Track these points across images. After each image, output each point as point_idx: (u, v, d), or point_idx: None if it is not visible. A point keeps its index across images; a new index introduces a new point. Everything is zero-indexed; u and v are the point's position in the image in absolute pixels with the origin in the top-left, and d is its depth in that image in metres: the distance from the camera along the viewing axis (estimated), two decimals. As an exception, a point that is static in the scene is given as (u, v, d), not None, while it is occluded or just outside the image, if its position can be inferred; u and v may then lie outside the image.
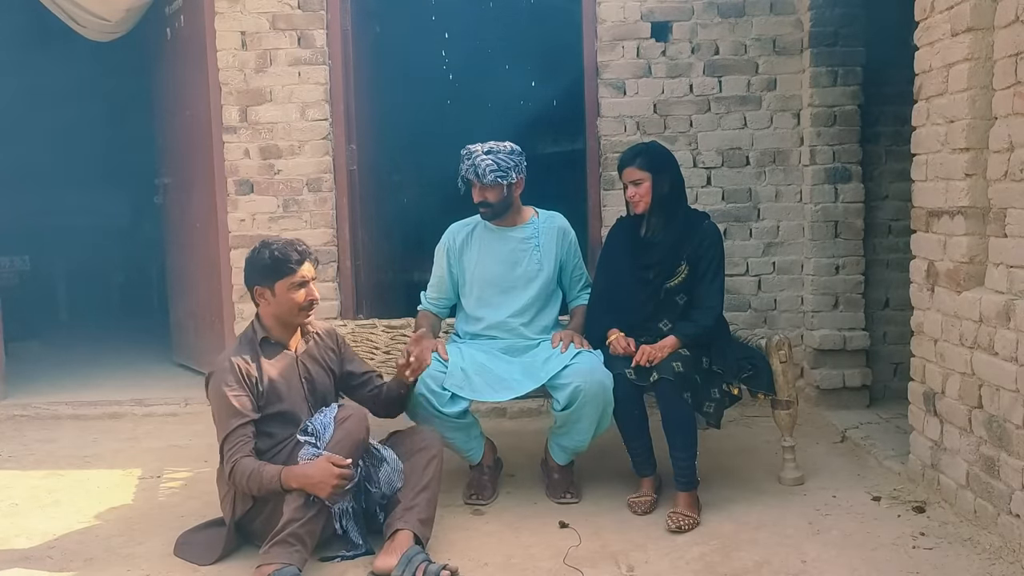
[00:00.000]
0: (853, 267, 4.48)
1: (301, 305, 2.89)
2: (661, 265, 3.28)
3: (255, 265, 2.89)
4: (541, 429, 3.87)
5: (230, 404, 2.77)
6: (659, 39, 4.55)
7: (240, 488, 2.76)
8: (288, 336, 2.96)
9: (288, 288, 2.86)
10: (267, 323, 2.94)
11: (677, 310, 3.29)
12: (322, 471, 2.65)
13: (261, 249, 2.90)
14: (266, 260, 2.86)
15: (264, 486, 2.69)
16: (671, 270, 3.28)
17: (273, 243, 2.90)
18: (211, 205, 4.81)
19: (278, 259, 2.85)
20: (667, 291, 3.29)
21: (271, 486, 2.68)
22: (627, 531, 3.00)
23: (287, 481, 2.67)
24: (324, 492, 2.65)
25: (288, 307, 2.88)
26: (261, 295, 2.90)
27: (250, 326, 2.97)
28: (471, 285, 3.48)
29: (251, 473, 2.70)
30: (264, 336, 2.92)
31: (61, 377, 5.41)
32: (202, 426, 4.31)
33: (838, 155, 4.43)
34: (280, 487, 2.68)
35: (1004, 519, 2.75)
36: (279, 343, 2.95)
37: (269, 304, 2.90)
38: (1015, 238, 2.72)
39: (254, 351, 2.89)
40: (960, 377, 2.98)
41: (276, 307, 2.89)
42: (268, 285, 2.87)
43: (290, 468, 2.70)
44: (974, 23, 2.84)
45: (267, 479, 2.68)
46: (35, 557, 2.92)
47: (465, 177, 3.33)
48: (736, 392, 3.24)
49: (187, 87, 5.04)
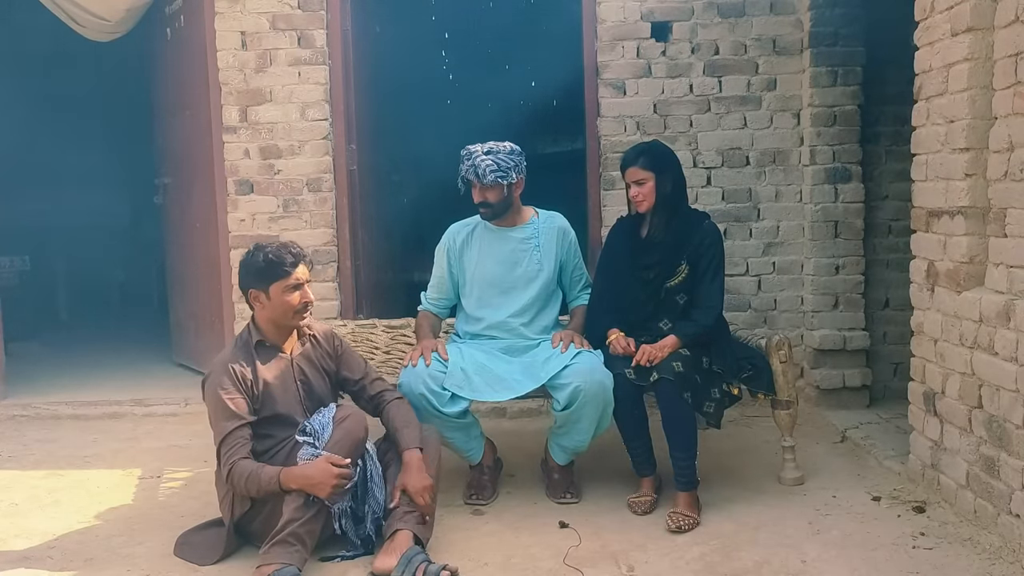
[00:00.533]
0: (853, 267, 4.48)
1: (296, 308, 2.88)
2: (661, 265, 3.28)
3: (249, 268, 2.89)
4: (541, 429, 3.87)
5: (226, 407, 2.77)
6: (659, 39, 4.55)
7: (238, 490, 2.75)
8: (283, 339, 2.96)
9: (282, 291, 2.86)
10: (262, 326, 2.93)
11: (677, 309, 3.29)
12: (322, 471, 2.65)
13: (255, 252, 2.89)
14: (260, 263, 2.86)
15: (263, 487, 2.69)
16: (671, 270, 3.28)
17: (267, 246, 2.90)
18: (211, 205, 4.81)
19: (272, 262, 2.85)
20: (667, 291, 3.29)
21: (270, 487, 2.68)
22: (627, 531, 3.00)
23: (286, 482, 2.67)
24: (324, 492, 2.65)
25: (283, 310, 2.88)
26: (256, 298, 2.89)
27: (245, 329, 2.97)
28: (471, 285, 3.48)
29: (249, 475, 2.70)
30: (259, 339, 2.92)
31: (61, 377, 5.41)
32: (202, 426, 4.27)
33: (838, 155, 4.43)
34: (279, 488, 2.67)
35: (1004, 519, 2.75)
36: (274, 346, 2.94)
37: (264, 307, 2.89)
38: (1015, 238, 2.72)
39: (249, 354, 2.89)
40: (960, 377, 2.98)
41: (271, 310, 2.89)
42: (262, 288, 2.87)
43: (289, 469, 2.69)
44: (974, 23, 2.84)
45: (266, 480, 2.68)
46: (35, 557, 2.92)
47: (465, 177, 3.33)
48: (736, 392, 3.24)
49: (187, 87, 5.04)
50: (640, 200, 3.27)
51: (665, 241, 3.28)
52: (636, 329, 3.28)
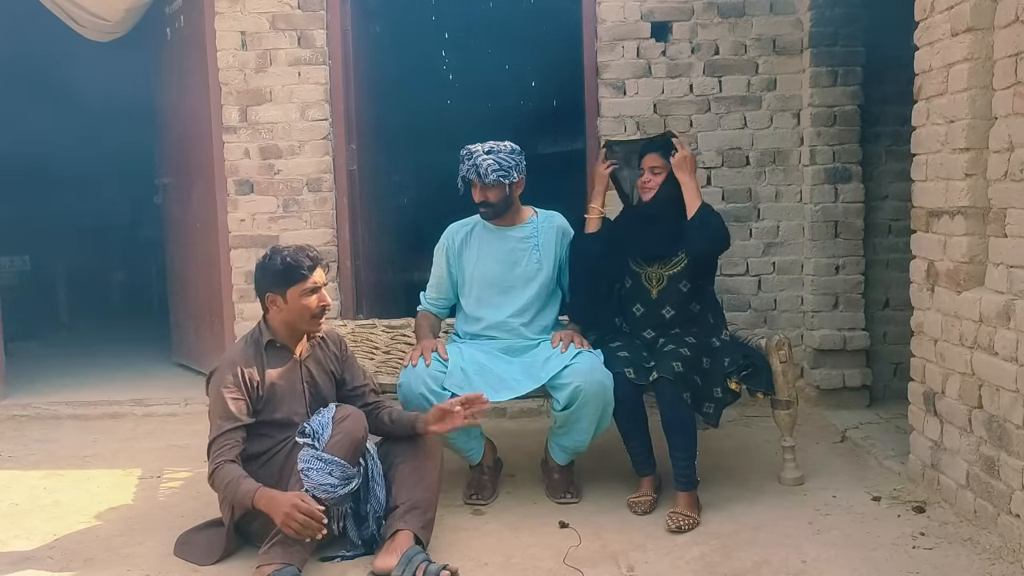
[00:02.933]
0: (853, 267, 4.48)
1: (313, 312, 2.87)
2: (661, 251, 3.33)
3: (266, 272, 2.87)
4: (541, 429, 3.87)
5: (225, 406, 2.77)
6: (659, 39, 4.55)
7: (217, 491, 2.76)
8: (295, 341, 2.95)
9: (300, 295, 2.84)
10: (275, 327, 2.91)
11: (680, 297, 3.32)
12: (289, 507, 2.58)
13: (272, 256, 2.87)
14: (278, 266, 2.83)
15: (238, 499, 2.69)
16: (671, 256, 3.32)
17: (283, 249, 2.87)
18: (211, 205, 4.81)
19: (290, 265, 2.83)
20: (669, 278, 3.31)
21: (244, 501, 2.66)
22: (627, 531, 3.00)
23: (257, 502, 2.64)
24: (286, 527, 2.60)
25: (299, 314, 2.86)
26: (273, 302, 2.87)
27: (256, 327, 2.95)
28: (470, 285, 3.48)
29: (230, 482, 2.68)
30: (270, 339, 2.91)
31: (61, 377, 5.41)
32: (202, 426, 4.25)
33: (838, 155, 4.43)
34: (251, 505, 2.65)
35: (1004, 519, 2.75)
36: (284, 347, 2.93)
37: (280, 311, 2.87)
38: (1015, 238, 2.72)
39: (258, 354, 2.88)
40: (960, 377, 2.98)
41: (288, 314, 2.87)
42: (280, 292, 2.85)
43: (265, 490, 2.65)
44: (974, 23, 2.84)
45: (242, 493, 2.66)
46: (35, 557, 2.92)
47: (466, 177, 3.32)
48: (736, 389, 3.24)
49: (187, 87, 5.04)
50: (650, 187, 3.30)
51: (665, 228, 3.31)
52: (639, 318, 3.30)
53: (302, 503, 2.59)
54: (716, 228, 3.27)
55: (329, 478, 2.69)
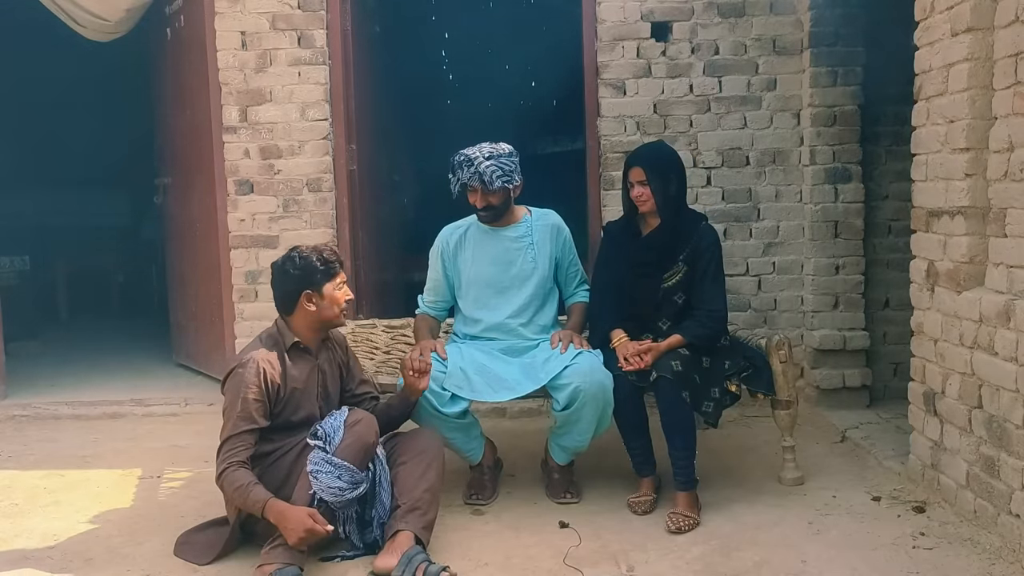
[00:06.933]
0: (853, 267, 4.48)
1: (343, 305, 2.94)
2: (658, 263, 3.29)
3: (305, 271, 2.87)
4: (541, 429, 3.87)
5: (245, 406, 2.76)
6: (659, 39, 4.55)
7: (225, 492, 2.76)
8: (316, 342, 2.96)
9: (335, 288, 2.90)
10: (299, 329, 2.92)
11: (675, 309, 3.29)
12: (297, 521, 2.60)
13: (307, 255, 2.88)
14: (316, 264, 2.87)
15: (247, 506, 2.69)
16: (668, 266, 3.27)
17: (305, 249, 2.91)
18: (211, 205, 4.81)
19: (327, 260, 2.89)
20: (665, 290, 3.29)
21: (253, 509, 2.67)
22: (627, 531, 3.00)
23: (267, 512, 2.65)
24: (290, 540, 2.62)
25: (332, 309, 2.90)
26: (309, 299, 2.88)
27: (274, 329, 2.94)
28: (467, 287, 3.48)
29: (239, 487, 2.68)
30: (296, 341, 2.91)
31: (61, 377, 5.41)
32: (202, 426, 4.31)
33: (838, 155, 4.43)
34: (261, 514, 2.66)
35: (1004, 519, 2.75)
36: (307, 349, 2.94)
37: (315, 308, 2.88)
38: (1015, 238, 2.72)
39: (282, 355, 2.88)
40: (960, 377, 2.98)
41: (323, 309, 2.89)
42: (317, 288, 2.87)
43: (275, 502, 2.66)
44: (974, 23, 2.84)
45: (252, 501, 2.66)
46: (35, 557, 2.92)
47: (468, 184, 3.32)
48: (735, 390, 3.24)
49: (187, 87, 5.04)
50: (644, 200, 3.27)
51: (662, 240, 3.28)
52: (636, 329, 3.29)
53: (313, 523, 2.61)
54: (711, 335, 3.22)
55: (338, 482, 2.70)
